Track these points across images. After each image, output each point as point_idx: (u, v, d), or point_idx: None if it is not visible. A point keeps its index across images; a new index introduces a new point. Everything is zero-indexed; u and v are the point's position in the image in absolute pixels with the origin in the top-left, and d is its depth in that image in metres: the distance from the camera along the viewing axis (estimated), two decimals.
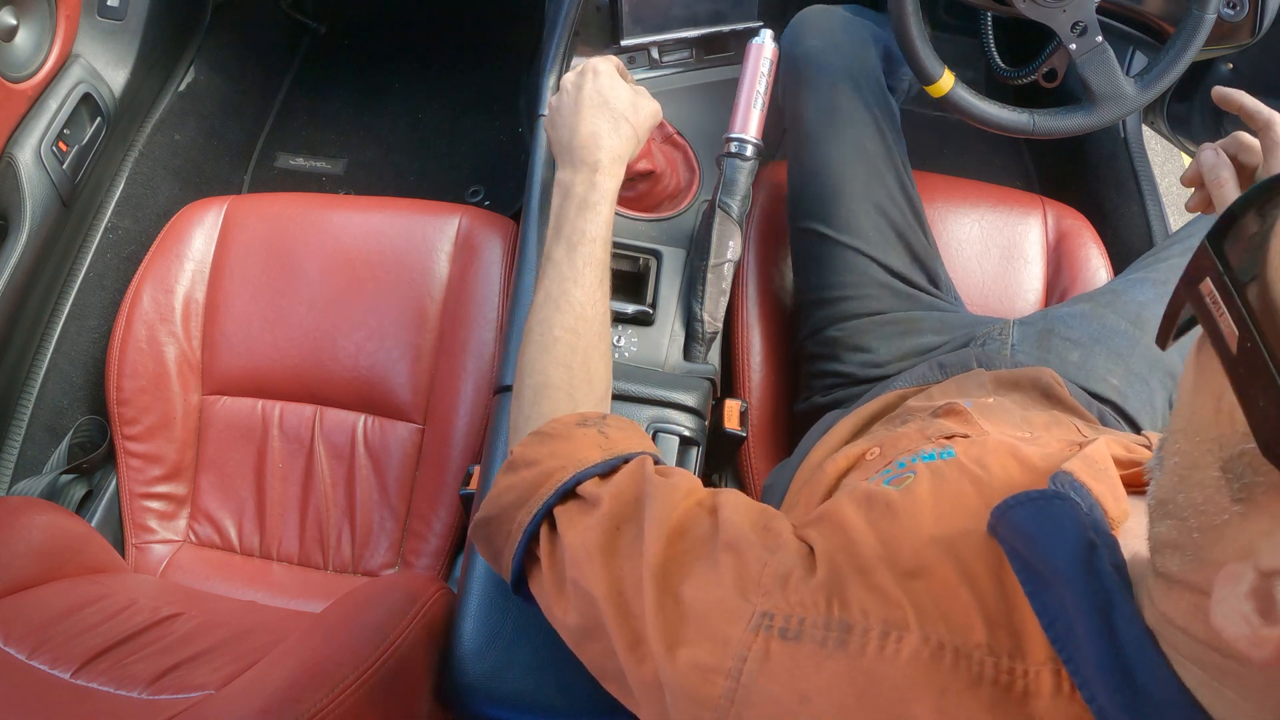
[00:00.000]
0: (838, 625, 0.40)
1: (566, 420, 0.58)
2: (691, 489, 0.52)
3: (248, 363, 1.01)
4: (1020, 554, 0.40)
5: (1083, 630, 0.36)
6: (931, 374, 0.79)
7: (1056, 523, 0.40)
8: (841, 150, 0.90)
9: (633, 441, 0.57)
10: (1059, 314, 0.87)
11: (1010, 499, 0.42)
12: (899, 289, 0.89)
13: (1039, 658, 0.37)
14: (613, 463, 0.54)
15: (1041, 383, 0.75)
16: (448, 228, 1.04)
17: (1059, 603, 0.37)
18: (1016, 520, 0.41)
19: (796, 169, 0.94)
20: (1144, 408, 0.81)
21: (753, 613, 0.42)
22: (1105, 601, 0.36)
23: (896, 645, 0.38)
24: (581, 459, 0.54)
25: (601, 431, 0.57)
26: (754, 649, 0.41)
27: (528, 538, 0.54)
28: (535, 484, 0.55)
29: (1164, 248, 0.94)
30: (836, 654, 0.39)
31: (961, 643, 0.38)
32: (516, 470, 0.57)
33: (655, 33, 0.94)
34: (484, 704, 0.64)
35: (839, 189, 0.89)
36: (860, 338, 0.88)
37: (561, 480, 0.53)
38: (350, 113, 1.58)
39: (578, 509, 0.53)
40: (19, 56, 0.97)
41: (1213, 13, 0.79)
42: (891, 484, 0.49)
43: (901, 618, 0.39)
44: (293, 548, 0.99)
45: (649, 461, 0.55)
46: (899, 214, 0.90)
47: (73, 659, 0.64)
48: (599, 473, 0.54)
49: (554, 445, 0.56)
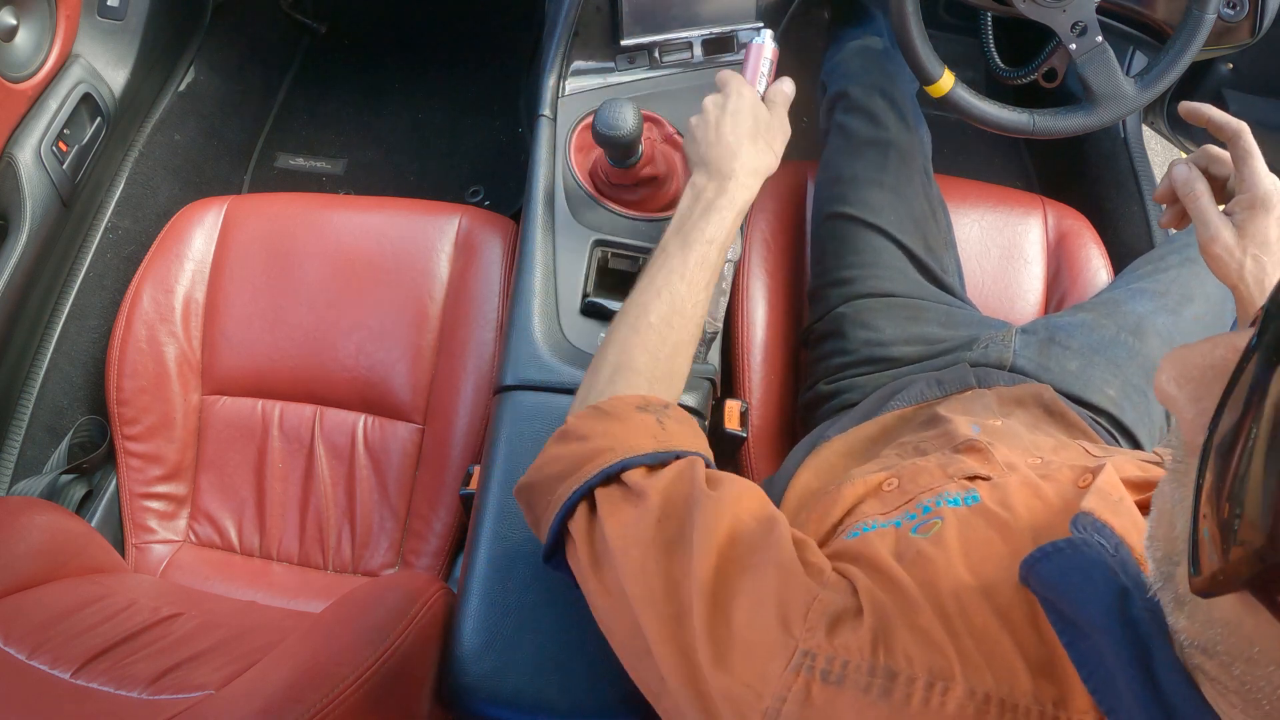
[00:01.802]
0: (883, 672, 0.39)
1: (627, 400, 0.58)
2: (740, 494, 0.50)
3: (248, 363, 1.01)
4: (1053, 605, 0.39)
5: (1124, 682, 0.35)
6: (929, 390, 0.79)
7: (1085, 573, 0.39)
8: (876, 151, 0.97)
9: (688, 439, 0.56)
10: (1060, 323, 0.87)
11: (1036, 552, 0.41)
12: (912, 275, 0.92)
13: (1081, 707, 0.36)
14: (663, 456, 0.54)
15: (1043, 399, 0.76)
16: (448, 228, 1.04)
17: (1097, 653, 0.36)
18: (1045, 574, 0.40)
19: (831, 168, 1.01)
20: (1141, 419, 0.81)
21: (794, 650, 0.41)
22: (1144, 651, 0.35)
23: (942, 698, 0.38)
24: (633, 445, 0.54)
25: (660, 421, 0.56)
26: (794, 690, 0.40)
27: (565, 512, 0.54)
28: (581, 460, 0.54)
29: (1162, 256, 0.95)
30: (879, 703, 0.38)
31: (1007, 694, 0.37)
32: (567, 441, 0.57)
33: (655, 33, 0.94)
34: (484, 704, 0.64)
35: (869, 180, 0.96)
36: (868, 315, 0.90)
37: (608, 463, 0.53)
38: (350, 113, 1.58)
39: (621, 497, 0.52)
40: (19, 56, 0.97)
41: (1213, 13, 0.79)
42: (919, 533, 0.48)
43: (947, 667, 0.38)
44: (293, 548, 0.99)
45: (700, 464, 0.54)
46: (920, 209, 0.95)
47: (73, 659, 0.64)
48: (647, 464, 0.53)
49: (609, 424, 0.56)
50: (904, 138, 0.98)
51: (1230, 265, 0.65)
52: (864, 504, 0.59)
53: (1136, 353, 0.83)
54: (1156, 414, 0.83)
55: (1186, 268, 0.91)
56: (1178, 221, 0.72)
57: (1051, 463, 0.59)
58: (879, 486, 0.60)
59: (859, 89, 1.02)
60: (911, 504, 0.54)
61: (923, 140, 1.02)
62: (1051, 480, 0.53)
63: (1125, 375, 0.82)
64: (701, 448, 0.57)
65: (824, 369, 0.92)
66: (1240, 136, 0.65)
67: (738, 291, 1.01)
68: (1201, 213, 0.66)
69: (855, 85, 1.03)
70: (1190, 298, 0.88)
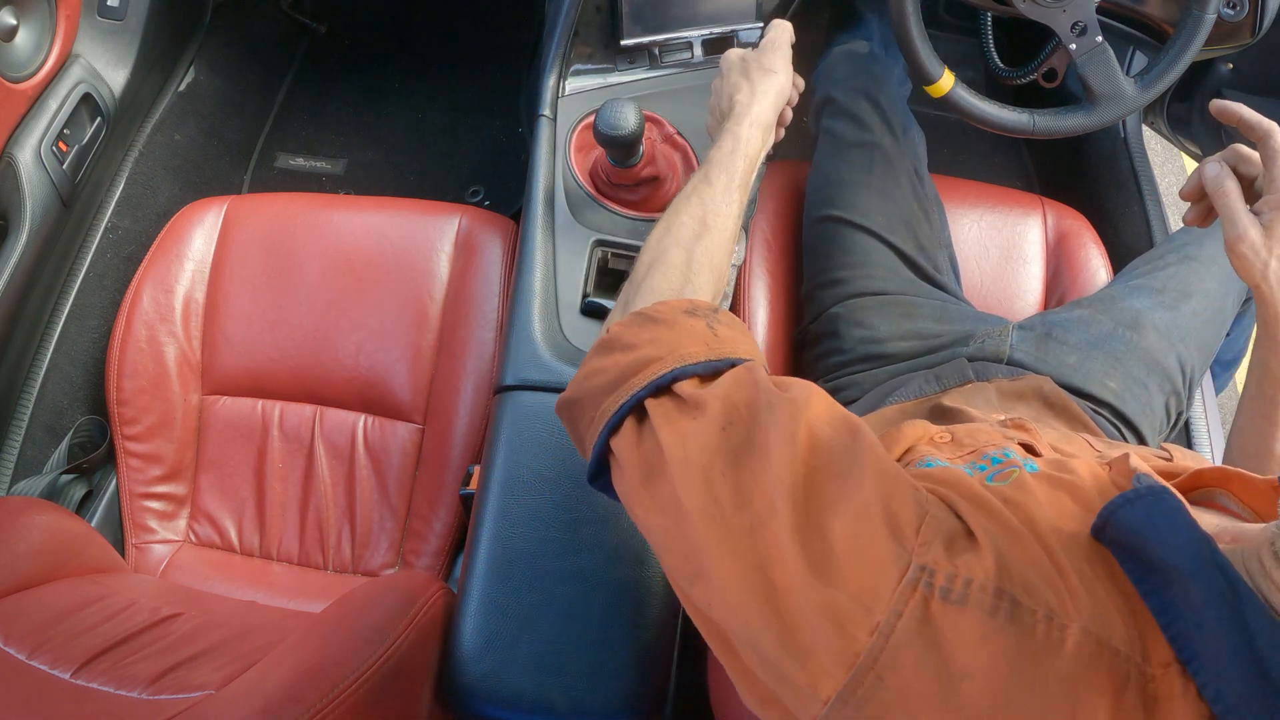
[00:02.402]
0: (1009, 597, 0.36)
1: (674, 305, 0.54)
2: (810, 397, 0.46)
3: (248, 363, 1.01)
4: (1132, 553, 0.38)
5: (1211, 624, 0.34)
6: (928, 385, 0.80)
7: (1168, 519, 0.38)
8: (863, 153, 0.98)
9: (741, 344, 0.52)
10: (1057, 318, 0.88)
11: (1118, 498, 0.40)
12: (904, 274, 0.93)
13: (1163, 659, 0.35)
14: (718, 364, 0.50)
15: (1044, 392, 0.76)
16: (448, 228, 1.04)
17: (1181, 600, 0.35)
18: (1126, 520, 0.39)
19: (820, 173, 1.01)
20: (1143, 410, 0.81)
21: (910, 564, 0.37)
22: (1233, 593, 0.34)
23: (1061, 634, 0.35)
24: (685, 353, 0.50)
25: (711, 326, 0.52)
26: (911, 605, 0.36)
27: (610, 428, 0.50)
28: (629, 371, 0.50)
29: (1160, 255, 0.95)
30: (1007, 628, 0.35)
31: (1109, 637, 0.36)
32: (610, 352, 0.53)
33: (655, 33, 0.94)
34: (484, 704, 0.64)
35: (857, 182, 0.96)
36: (862, 314, 0.90)
37: (659, 373, 0.49)
38: (350, 113, 1.57)
39: (676, 408, 0.48)
40: (19, 56, 0.97)
41: (1213, 13, 0.79)
42: (996, 480, 0.46)
43: (1060, 604, 0.36)
44: (293, 548, 0.99)
45: (759, 369, 0.50)
46: (909, 211, 0.95)
47: (73, 659, 0.64)
48: (700, 373, 0.49)
49: (656, 331, 0.52)
50: (889, 140, 0.99)
51: (1255, 265, 0.65)
52: (921, 445, 0.57)
53: (1135, 346, 0.83)
54: (1157, 406, 0.83)
55: (1185, 265, 0.91)
56: (1202, 219, 0.71)
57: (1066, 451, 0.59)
58: (932, 437, 0.58)
59: (843, 93, 1.02)
60: (976, 455, 0.52)
61: (913, 141, 1.02)
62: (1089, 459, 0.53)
63: (1125, 368, 0.82)
64: (756, 354, 0.53)
65: (821, 368, 0.93)
66: (1271, 137, 0.65)
67: (738, 291, 1.01)
68: (1230, 211, 0.65)
69: (840, 89, 1.03)
70: (1188, 294, 0.89)
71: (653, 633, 0.70)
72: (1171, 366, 0.84)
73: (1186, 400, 0.87)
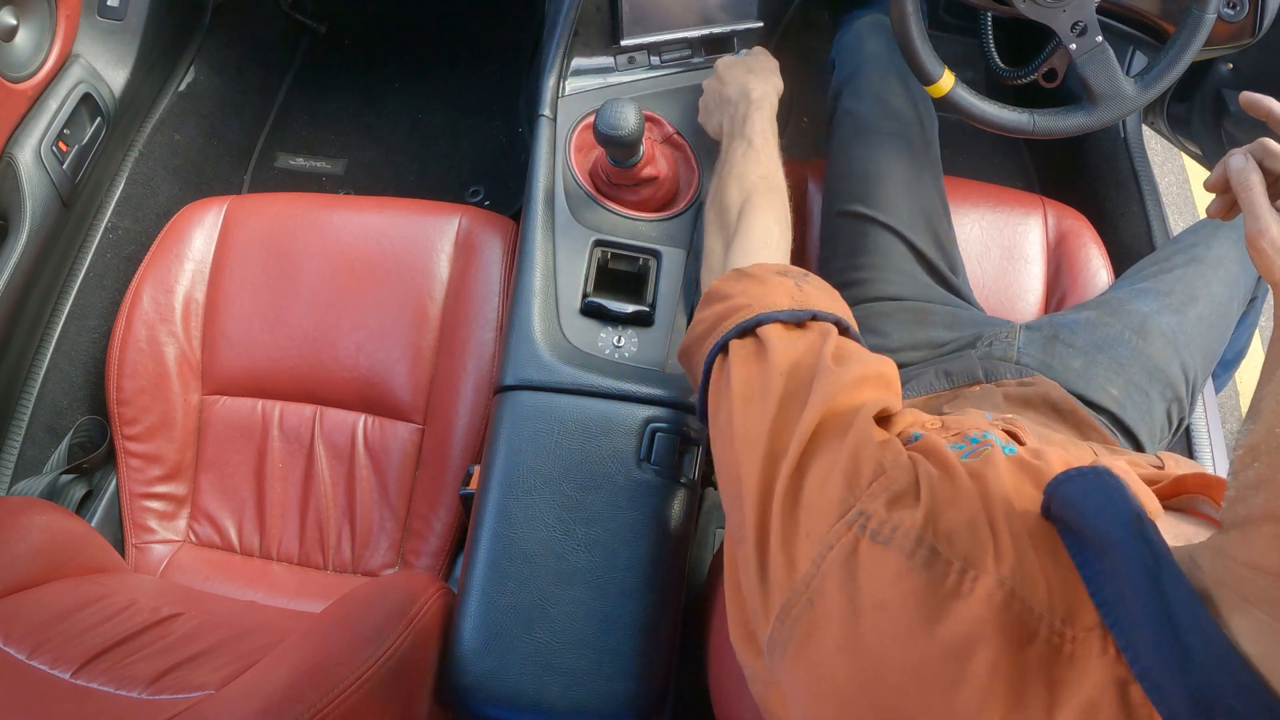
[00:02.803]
0: (927, 546, 0.41)
1: (768, 266, 0.61)
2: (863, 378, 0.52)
3: (248, 363, 1.01)
4: (1070, 527, 0.41)
5: (1130, 590, 0.36)
6: (938, 382, 0.80)
7: (1107, 493, 0.41)
8: (890, 144, 0.97)
9: (825, 301, 0.59)
10: (1064, 320, 0.87)
11: (1060, 475, 0.43)
12: (921, 278, 0.92)
13: (1088, 623, 0.38)
14: (800, 315, 0.56)
15: (1051, 398, 0.76)
16: (448, 228, 1.04)
17: (1108, 569, 0.38)
18: (1068, 494, 0.42)
19: (842, 161, 1.00)
20: (1143, 418, 0.81)
21: (852, 507, 0.43)
22: (1155, 563, 0.37)
23: (973, 584, 0.39)
24: (770, 302, 0.56)
25: (798, 285, 0.59)
26: (844, 541, 0.42)
27: (709, 367, 0.57)
28: (722, 316, 0.57)
29: (1167, 256, 0.94)
30: (920, 571, 0.40)
31: (1028, 594, 0.39)
32: (710, 304, 0.60)
33: (655, 33, 0.94)
34: (484, 704, 0.64)
35: (883, 174, 0.95)
36: (876, 320, 0.90)
37: (745, 317, 0.56)
38: (350, 113, 1.58)
39: (754, 350, 0.55)
40: (19, 56, 0.97)
41: (1213, 13, 0.79)
42: (969, 458, 0.50)
43: (982, 559, 0.40)
44: (293, 548, 0.99)
45: (833, 336, 0.55)
46: (930, 205, 0.95)
47: (73, 659, 0.64)
48: (783, 320, 0.56)
49: (748, 284, 0.59)
50: (916, 126, 0.97)
51: (1276, 261, 0.65)
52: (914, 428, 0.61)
53: (1140, 352, 0.83)
54: (1158, 414, 0.83)
55: (1191, 268, 0.90)
56: (1225, 211, 0.70)
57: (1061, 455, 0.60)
58: (924, 424, 0.62)
59: (873, 71, 1.00)
60: (959, 437, 0.56)
61: (935, 128, 1.01)
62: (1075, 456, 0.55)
63: (1128, 374, 0.82)
64: (839, 311, 0.59)
65: None
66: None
67: None
68: (1253, 205, 0.65)
69: (869, 67, 1.01)
70: (1195, 298, 0.88)
71: (653, 633, 0.71)
72: (1175, 374, 0.83)
73: (1189, 407, 0.87)
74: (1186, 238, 0.96)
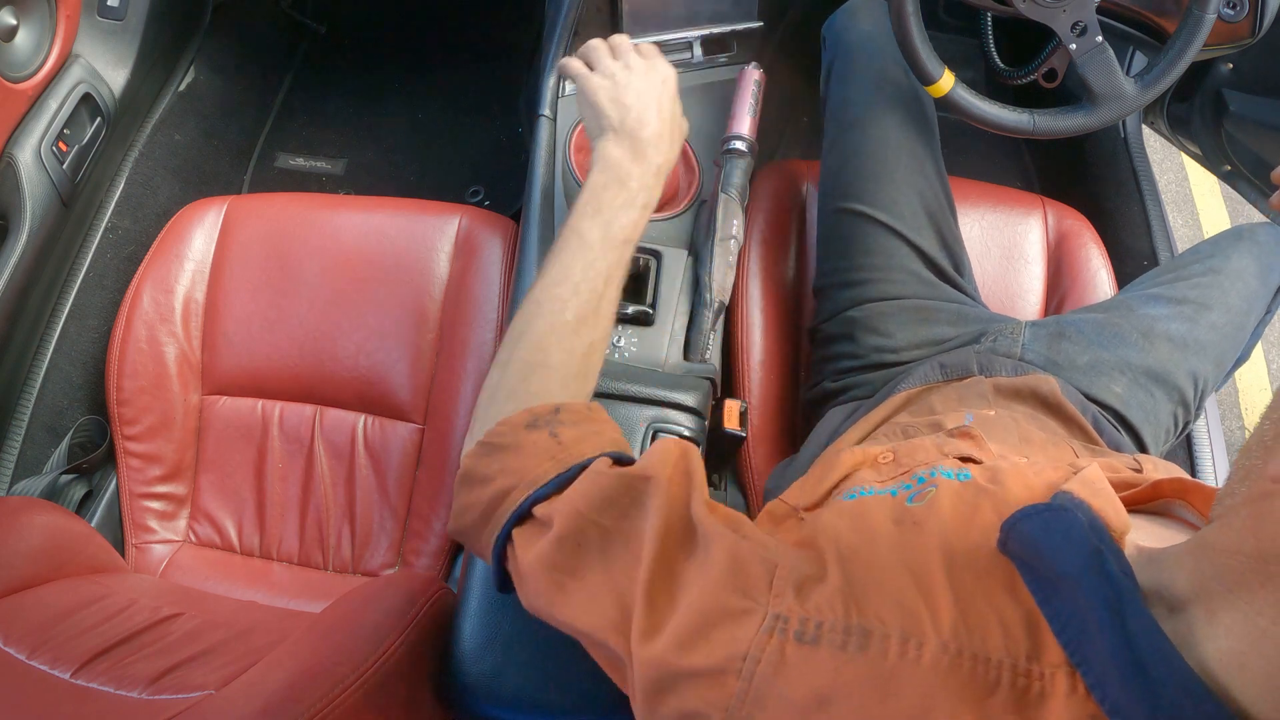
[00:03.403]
0: (857, 630, 0.40)
1: (514, 423, 0.55)
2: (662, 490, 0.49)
3: (248, 363, 1.01)
4: (1030, 565, 0.41)
5: (1094, 626, 0.36)
6: (933, 373, 0.80)
7: (1063, 532, 0.41)
8: (888, 132, 0.91)
9: (587, 440, 0.54)
10: (1071, 320, 0.87)
11: (1017, 513, 0.43)
12: (925, 276, 0.90)
13: (1054, 660, 0.38)
14: (567, 475, 0.52)
15: (1041, 393, 0.75)
16: (448, 228, 1.04)
17: (1070, 607, 0.38)
18: (1024, 532, 0.42)
19: (838, 152, 0.94)
20: (1147, 418, 0.81)
21: (765, 614, 0.41)
22: (1115, 598, 0.37)
23: (917, 651, 0.39)
24: (534, 476, 0.52)
25: (554, 435, 0.54)
26: (769, 650, 0.40)
27: (498, 559, 0.54)
28: (491, 506, 0.53)
29: (1185, 264, 0.92)
30: (857, 657, 0.39)
31: (979, 647, 0.38)
32: (471, 487, 0.56)
33: (655, 33, 0.94)
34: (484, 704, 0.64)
35: (881, 170, 0.90)
36: (879, 321, 0.88)
37: (515, 504, 0.52)
38: (350, 113, 1.58)
39: (533, 531, 0.51)
40: (19, 56, 0.97)
41: (1213, 13, 0.79)
42: (914, 502, 0.49)
43: (920, 626, 0.39)
44: (293, 548, 0.99)
45: (604, 467, 0.52)
46: (934, 199, 0.91)
47: (73, 659, 0.64)
48: (554, 491, 0.52)
49: (504, 459, 0.54)
50: (919, 113, 0.93)
51: None
52: (860, 471, 0.60)
53: (1146, 354, 0.82)
54: (1163, 416, 0.82)
55: (1209, 278, 0.89)
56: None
57: (1037, 460, 0.60)
58: (875, 459, 0.61)
59: (865, 52, 0.94)
60: (907, 475, 0.55)
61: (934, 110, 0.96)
62: (1037, 469, 0.55)
63: (1133, 374, 0.81)
64: (606, 440, 0.55)
65: (830, 370, 0.92)
66: None
67: (738, 291, 1.01)
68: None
69: (861, 48, 0.95)
70: (1209, 306, 0.86)
71: None
72: (1182, 379, 0.82)
73: (1195, 411, 0.86)
74: (1205, 248, 0.94)
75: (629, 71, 0.70)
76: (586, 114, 0.71)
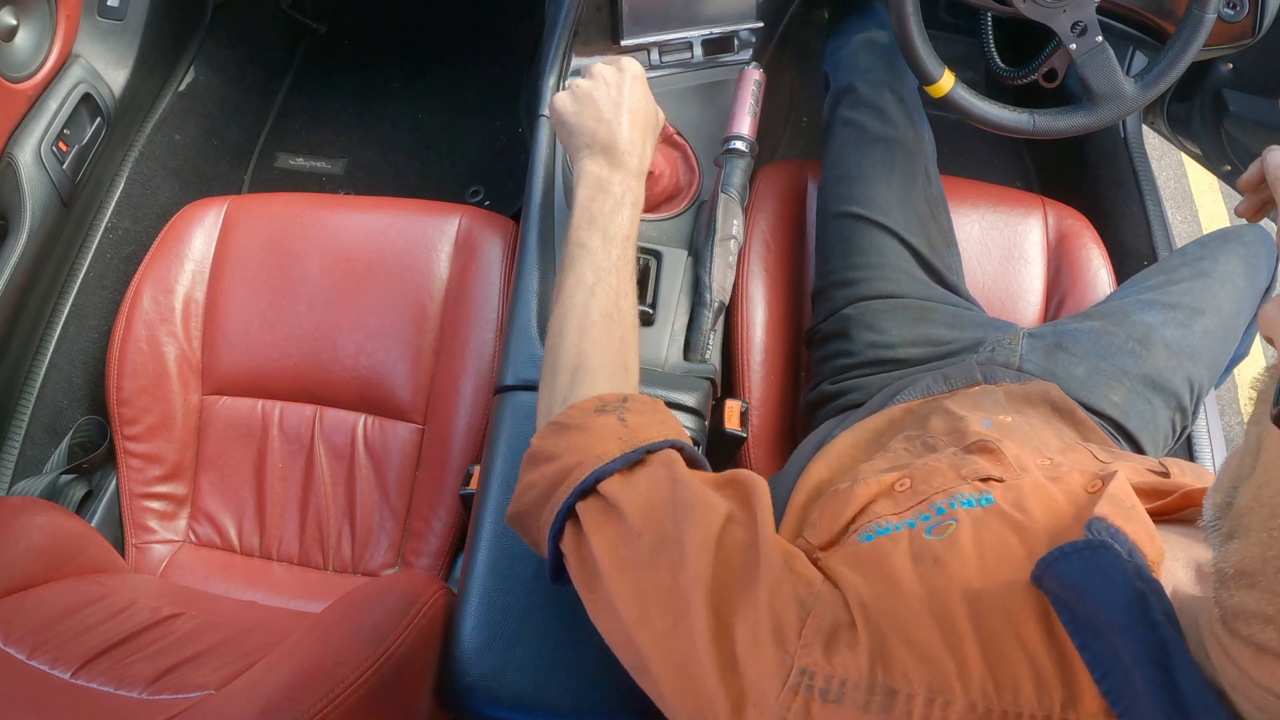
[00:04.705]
0: (881, 690, 0.39)
1: (584, 407, 0.57)
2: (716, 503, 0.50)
3: (248, 363, 1.01)
4: (1068, 606, 0.39)
5: (1141, 682, 0.35)
6: (936, 385, 0.79)
7: (1104, 574, 0.39)
8: (885, 151, 0.97)
9: (653, 427, 0.55)
10: (1067, 329, 0.87)
11: (1054, 551, 0.41)
12: (919, 276, 0.92)
13: (1092, 709, 0.37)
14: (633, 456, 0.53)
15: (1051, 397, 0.76)
16: (448, 228, 1.04)
17: (1112, 654, 0.37)
18: (1062, 573, 0.40)
19: (839, 164, 0.99)
20: (1145, 426, 0.81)
21: (791, 668, 0.41)
22: (1163, 653, 0.36)
23: (943, 712, 0.38)
24: (600, 453, 0.53)
25: (621, 418, 0.55)
26: (794, 709, 0.40)
27: (554, 536, 0.54)
28: (555, 482, 0.54)
29: (1174, 268, 0.93)
30: (881, 718, 0.39)
31: (1010, 703, 0.38)
32: (537, 464, 0.56)
33: (655, 33, 0.94)
34: (484, 704, 0.64)
35: (877, 178, 0.95)
36: (874, 318, 0.89)
37: (580, 479, 0.52)
38: (350, 113, 1.57)
39: (602, 511, 0.52)
40: (19, 56, 0.97)
41: (1213, 13, 0.79)
42: (933, 534, 0.49)
43: (946, 683, 0.39)
44: (293, 548, 0.99)
45: (676, 460, 0.53)
46: (923, 212, 0.95)
47: (73, 659, 0.64)
48: (619, 468, 0.53)
49: (571, 438, 0.55)
50: (910, 136, 0.98)
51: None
52: (876, 504, 0.59)
53: (1143, 362, 0.83)
54: (1161, 422, 0.82)
55: (1199, 280, 0.90)
56: (1254, 212, 0.70)
57: (1061, 464, 0.58)
58: (891, 487, 0.60)
59: (867, 84, 1.01)
60: (925, 504, 0.54)
61: (928, 140, 1.02)
62: (1061, 484, 0.53)
63: (1131, 383, 0.81)
64: (671, 430, 0.56)
65: (829, 370, 0.92)
66: None
67: (738, 292, 1.01)
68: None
69: (863, 80, 1.02)
70: (1201, 310, 0.87)
71: None
72: (1179, 385, 0.83)
73: (1193, 416, 0.86)
74: (1193, 249, 0.95)
75: (593, 83, 0.71)
76: (562, 136, 0.72)
